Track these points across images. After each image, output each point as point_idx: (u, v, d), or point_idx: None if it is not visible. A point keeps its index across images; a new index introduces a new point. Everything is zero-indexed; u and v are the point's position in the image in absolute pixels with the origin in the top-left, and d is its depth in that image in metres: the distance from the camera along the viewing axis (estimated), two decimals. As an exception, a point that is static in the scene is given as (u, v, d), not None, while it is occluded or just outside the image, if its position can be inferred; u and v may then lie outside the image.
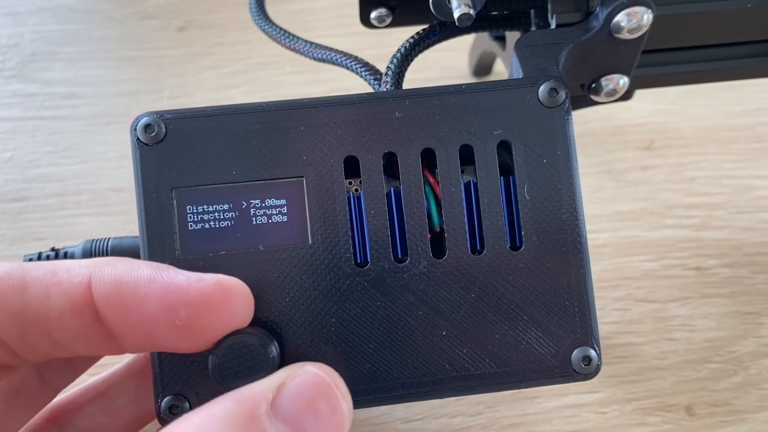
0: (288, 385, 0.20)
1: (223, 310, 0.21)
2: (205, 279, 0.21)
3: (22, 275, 0.21)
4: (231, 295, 0.21)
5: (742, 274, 0.40)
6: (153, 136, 0.24)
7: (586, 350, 0.24)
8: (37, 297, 0.21)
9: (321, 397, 0.20)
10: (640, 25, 0.27)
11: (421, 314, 0.24)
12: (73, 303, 0.21)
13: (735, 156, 0.45)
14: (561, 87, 0.25)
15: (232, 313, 0.21)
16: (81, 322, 0.21)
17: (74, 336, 0.21)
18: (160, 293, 0.20)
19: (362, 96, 0.25)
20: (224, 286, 0.21)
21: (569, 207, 0.25)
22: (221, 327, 0.21)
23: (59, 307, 0.21)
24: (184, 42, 0.52)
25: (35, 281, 0.21)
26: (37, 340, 0.21)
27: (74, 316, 0.21)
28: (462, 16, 0.26)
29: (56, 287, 0.21)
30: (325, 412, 0.20)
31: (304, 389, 0.20)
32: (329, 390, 0.21)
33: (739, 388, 0.36)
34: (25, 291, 0.21)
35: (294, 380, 0.20)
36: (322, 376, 0.21)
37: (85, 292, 0.21)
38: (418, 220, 0.24)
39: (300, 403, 0.20)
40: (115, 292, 0.21)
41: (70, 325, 0.21)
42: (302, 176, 0.24)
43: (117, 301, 0.21)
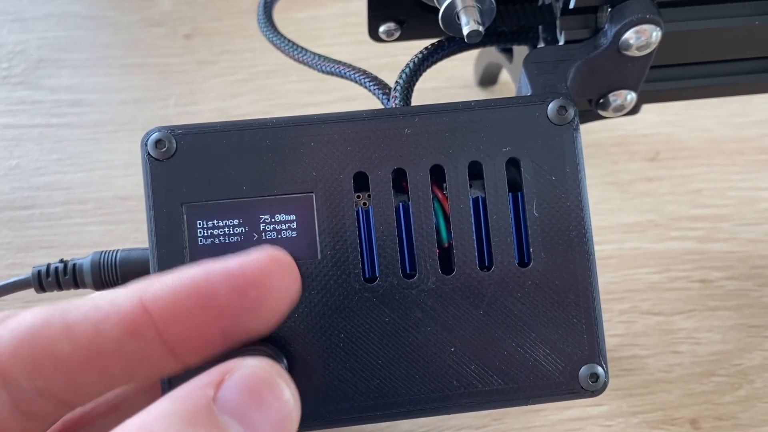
0: (229, 380, 0.20)
1: (284, 279, 0.21)
2: (257, 255, 0.21)
3: (64, 319, 0.20)
4: (284, 262, 0.21)
5: (748, 286, 0.40)
6: (164, 152, 0.24)
7: (593, 367, 0.24)
8: (85, 337, 0.20)
9: (263, 387, 0.20)
10: (648, 42, 0.27)
11: (429, 330, 0.24)
12: (130, 329, 0.20)
13: (740, 168, 0.45)
14: (570, 105, 0.25)
15: (291, 280, 0.21)
16: (141, 345, 0.20)
17: (133, 363, 0.21)
18: (223, 282, 0.20)
19: (372, 112, 0.25)
20: (275, 257, 0.21)
21: (577, 224, 0.25)
22: (287, 297, 0.21)
23: (115, 338, 0.20)
24: (191, 49, 0.52)
25: (80, 321, 0.20)
26: (91, 380, 0.21)
27: (133, 340, 0.20)
28: (471, 32, 0.26)
29: (106, 321, 0.20)
30: (270, 401, 0.20)
31: (246, 382, 0.20)
32: (271, 379, 0.20)
33: (745, 402, 0.36)
34: (71, 334, 0.20)
35: (234, 374, 0.20)
36: (262, 367, 0.20)
37: (141, 313, 0.20)
38: (426, 236, 0.24)
39: (243, 397, 0.19)
40: (175, 301, 0.20)
41: (128, 353, 0.20)
42: (312, 192, 0.24)
43: (179, 307, 0.20)
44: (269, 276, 0.21)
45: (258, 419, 0.19)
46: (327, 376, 0.24)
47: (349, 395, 0.24)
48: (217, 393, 0.19)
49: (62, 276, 0.28)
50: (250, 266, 0.20)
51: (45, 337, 0.20)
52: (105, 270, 0.28)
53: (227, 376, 0.20)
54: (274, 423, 0.20)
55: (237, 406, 0.19)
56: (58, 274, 0.29)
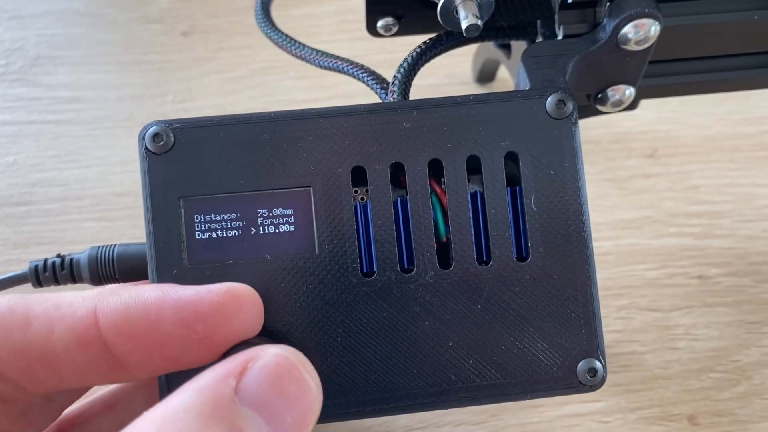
0: (251, 369, 0.19)
1: (238, 318, 0.21)
2: (215, 289, 0.21)
3: (26, 311, 0.20)
4: (243, 301, 0.21)
5: (746, 283, 0.40)
6: (161, 145, 0.24)
7: (591, 362, 0.24)
8: (40, 333, 0.20)
9: (287, 378, 0.19)
10: (647, 36, 0.27)
11: (427, 325, 0.24)
12: (79, 336, 0.20)
13: (738, 164, 0.45)
14: (568, 99, 0.25)
15: (247, 318, 0.21)
16: (89, 355, 0.20)
17: (82, 369, 0.21)
18: (174, 311, 0.20)
19: (370, 106, 0.25)
20: (234, 294, 0.21)
21: (576, 218, 0.25)
22: (237, 334, 0.21)
23: (65, 342, 0.20)
24: (188, 46, 0.52)
25: (38, 316, 0.20)
26: (43, 375, 0.21)
27: (81, 349, 0.20)
28: (470, 26, 0.26)
29: (60, 322, 0.20)
30: (293, 393, 0.19)
31: (269, 371, 0.19)
32: (295, 369, 0.20)
33: (743, 398, 0.36)
34: (28, 327, 0.20)
35: (257, 363, 0.19)
36: (285, 356, 0.20)
37: (91, 324, 0.20)
38: (424, 231, 0.24)
39: (266, 386, 0.19)
40: (125, 320, 0.20)
41: (77, 359, 0.20)
42: (310, 186, 0.24)
43: (127, 327, 0.20)
44: (220, 313, 0.20)
45: (280, 411, 0.19)
46: (325, 370, 0.24)
47: (347, 390, 0.24)
48: (239, 384, 0.19)
49: (59, 271, 0.28)
50: (203, 300, 0.20)
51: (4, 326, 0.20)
52: (102, 265, 0.28)
53: (249, 364, 0.19)
54: (296, 415, 0.19)
55: (259, 398, 0.19)
56: (56, 268, 0.28)
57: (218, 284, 0.21)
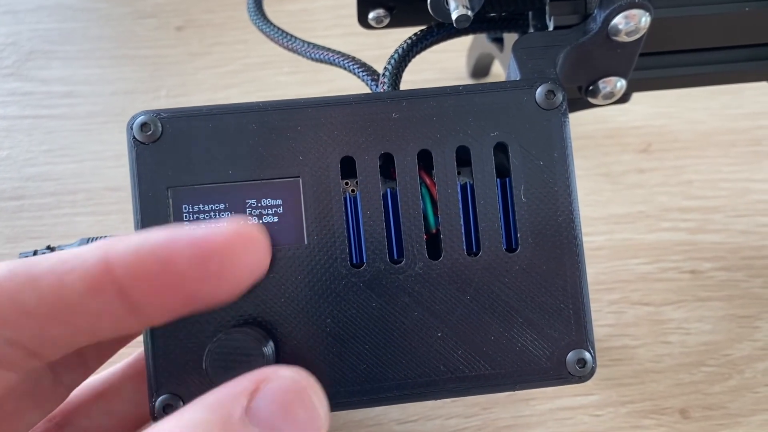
0: (263, 390, 0.19)
1: (248, 253, 0.21)
2: (224, 227, 0.21)
3: (29, 270, 0.20)
4: (251, 237, 0.21)
5: (738, 277, 0.40)
6: (149, 135, 0.24)
7: (581, 353, 0.24)
8: (50, 288, 0.20)
9: (297, 402, 0.20)
10: (637, 27, 0.27)
11: (416, 315, 0.24)
12: (92, 284, 0.20)
13: (732, 159, 0.45)
14: (558, 89, 0.25)
15: (257, 253, 0.21)
16: (103, 301, 0.20)
17: (97, 319, 0.20)
18: (188, 246, 0.20)
19: (359, 96, 0.25)
20: (244, 229, 0.21)
21: (565, 209, 0.25)
22: (250, 269, 0.21)
23: (78, 292, 0.20)
24: (182, 41, 0.52)
25: (45, 273, 0.20)
26: (57, 332, 0.21)
27: (95, 296, 0.20)
28: (460, 17, 0.26)
29: (70, 274, 0.20)
30: (301, 417, 0.20)
31: (280, 394, 0.20)
32: (305, 394, 0.20)
33: (734, 392, 0.36)
34: (36, 285, 0.20)
35: (269, 384, 0.20)
36: (297, 380, 0.20)
37: (104, 270, 0.20)
38: (414, 221, 0.24)
39: (276, 409, 0.19)
40: (137, 261, 0.20)
41: (91, 307, 0.20)
42: (298, 176, 0.24)
43: (142, 267, 0.20)
44: (233, 248, 0.20)
45: None
46: (313, 361, 0.24)
47: (336, 380, 0.24)
48: (251, 403, 0.19)
49: (49, 262, 0.28)
50: (215, 237, 0.20)
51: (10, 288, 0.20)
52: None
53: (262, 385, 0.20)
54: None
55: (268, 420, 0.19)
56: (45, 260, 0.28)
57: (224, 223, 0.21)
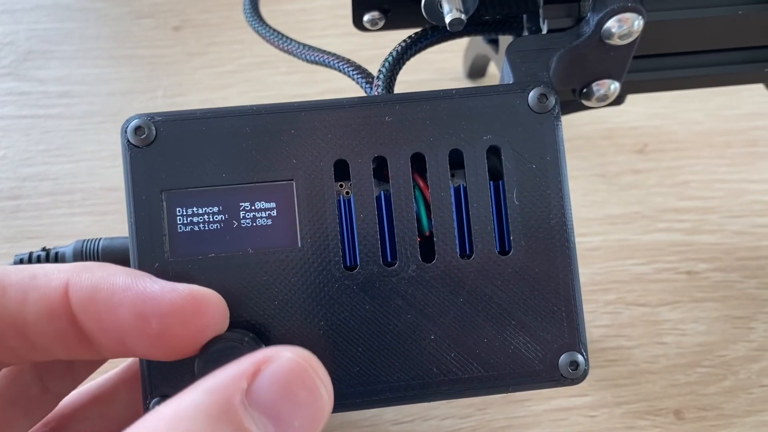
0: (263, 372, 0.19)
1: (194, 321, 0.21)
2: (179, 289, 0.21)
3: (1, 279, 0.21)
4: (202, 306, 0.21)
5: (733, 278, 0.40)
6: (143, 138, 0.24)
7: (573, 355, 0.24)
8: (15, 300, 0.20)
9: (299, 383, 0.19)
10: (630, 31, 0.27)
11: (409, 318, 0.24)
12: (50, 307, 0.21)
13: (728, 160, 0.45)
14: (551, 93, 0.25)
15: (204, 323, 0.21)
16: (58, 326, 0.21)
17: (51, 340, 0.21)
18: (133, 302, 0.20)
19: (353, 100, 0.25)
20: (196, 297, 0.21)
21: (558, 212, 0.25)
22: (193, 337, 0.21)
23: (36, 312, 0.21)
24: (180, 41, 0.52)
25: (13, 285, 0.21)
26: (15, 343, 0.21)
27: (51, 320, 0.21)
28: (453, 21, 0.26)
29: (34, 291, 0.21)
30: (303, 398, 0.19)
31: (281, 375, 0.19)
32: (307, 375, 0.20)
33: (729, 393, 0.36)
34: (3, 295, 0.20)
35: (270, 366, 0.19)
36: (298, 361, 0.20)
37: (62, 296, 0.21)
38: (407, 224, 0.24)
39: (277, 391, 0.19)
40: (91, 298, 0.21)
41: (46, 329, 0.21)
42: (292, 179, 0.24)
43: (92, 306, 0.21)
44: (178, 314, 0.21)
45: (289, 416, 0.19)
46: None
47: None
48: (251, 386, 0.19)
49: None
50: (164, 297, 0.21)
51: None
52: (87, 258, 0.28)
53: (263, 366, 0.19)
54: (305, 421, 0.19)
55: (269, 402, 0.19)
56: (41, 262, 0.28)
57: (184, 285, 0.21)
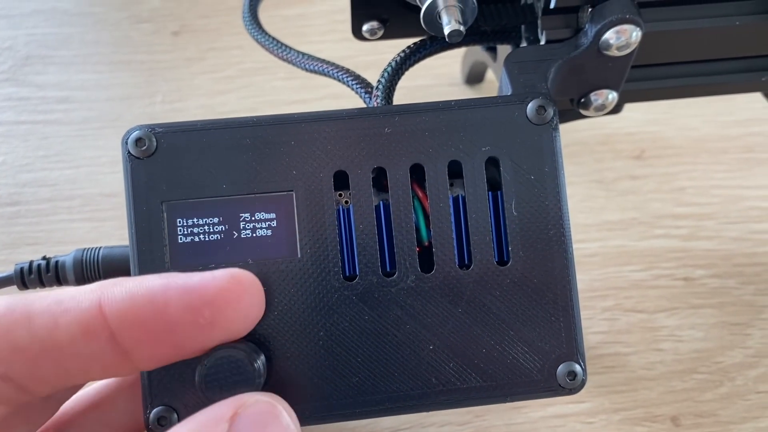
0: (241, 415, 0.21)
1: (242, 302, 0.22)
2: (219, 275, 0.21)
3: (26, 308, 0.21)
4: (246, 286, 0.22)
5: (731, 284, 0.41)
6: (144, 150, 0.24)
7: (571, 365, 0.25)
8: (44, 328, 0.20)
9: (273, 423, 0.21)
10: (628, 42, 0.27)
11: (408, 328, 0.24)
12: (85, 327, 0.20)
13: (725, 166, 0.46)
14: (549, 104, 0.25)
15: (251, 302, 0.22)
16: (95, 346, 0.21)
17: (87, 362, 0.21)
18: (180, 296, 0.21)
19: (352, 111, 0.25)
20: (238, 279, 0.22)
21: (556, 223, 0.25)
22: (243, 319, 0.22)
23: (70, 335, 0.20)
24: (178, 46, 0.52)
25: (41, 313, 0.21)
26: (48, 372, 0.21)
27: (87, 340, 0.21)
28: (452, 32, 0.26)
29: (64, 316, 0.20)
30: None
31: (257, 416, 0.21)
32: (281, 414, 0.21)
33: (725, 399, 0.37)
34: (30, 324, 0.20)
35: (247, 409, 0.21)
36: (272, 403, 0.21)
37: (96, 314, 0.21)
38: (406, 235, 0.25)
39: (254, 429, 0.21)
40: (130, 308, 0.21)
41: (83, 351, 0.21)
42: (292, 190, 0.24)
43: (134, 315, 0.21)
44: (226, 297, 0.21)
45: None
46: (306, 373, 0.24)
47: (328, 393, 0.24)
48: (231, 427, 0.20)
49: (44, 273, 0.29)
50: (209, 285, 0.21)
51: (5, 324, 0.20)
52: (87, 267, 0.28)
53: (240, 410, 0.21)
54: None
55: None
56: (41, 271, 0.29)
57: (220, 270, 0.22)
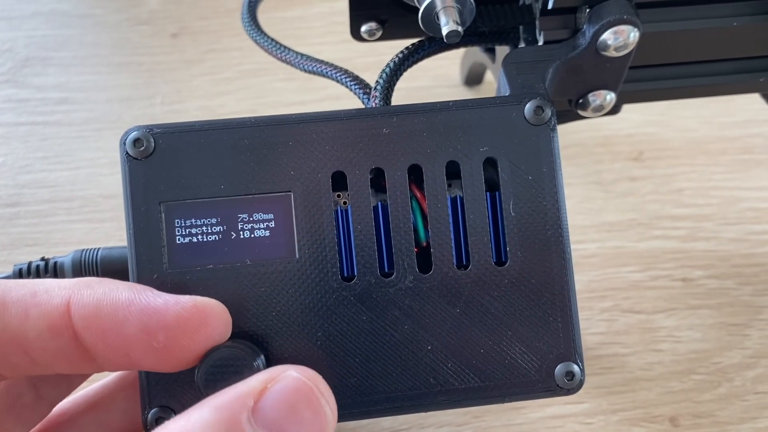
0: (269, 391, 0.20)
1: (200, 332, 0.21)
2: (183, 301, 0.21)
3: (2, 296, 0.21)
4: (208, 316, 0.22)
5: (729, 285, 0.41)
6: (142, 151, 0.24)
7: (569, 365, 0.25)
8: (16, 317, 0.21)
9: (304, 403, 0.20)
10: (626, 43, 0.27)
11: (406, 329, 0.24)
12: (51, 324, 0.21)
13: (723, 167, 0.46)
14: (546, 105, 0.25)
15: (209, 334, 0.22)
16: (59, 342, 0.21)
17: (53, 356, 0.21)
18: (139, 316, 0.21)
19: (350, 112, 0.25)
20: (201, 308, 0.21)
21: (554, 223, 0.25)
22: (198, 348, 0.21)
23: (38, 328, 0.21)
24: (178, 48, 0.52)
25: (15, 302, 0.21)
26: (16, 359, 0.21)
27: (53, 337, 0.21)
28: (450, 33, 0.26)
29: (35, 308, 0.21)
30: (308, 418, 0.20)
31: (286, 394, 0.20)
32: (312, 395, 0.20)
33: (724, 400, 0.37)
34: (4, 312, 0.21)
35: (276, 385, 0.20)
36: (304, 381, 0.21)
37: (63, 314, 0.21)
38: (404, 235, 0.25)
39: (282, 409, 0.20)
40: (94, 314, 0.21)
41: (48, 345, 0.21)
42: (290, 191, 0.24)
43: (96, 323, 0.21)
44: (184, 326, 0.21)
45: None
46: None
47: (327, 393, 0.24)
48: (257, 404, 0.20)
49: (43, 274, 0.29)
50: (169, 310, 0.21)
51: None
52: (86, 268, 0.28)
53: (269, 385, 0.20)
54: None
55: (274, 421, 0.20)
56: (39, 271, 0.29)
57: (187, 297, 0.21)
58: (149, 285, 0.23)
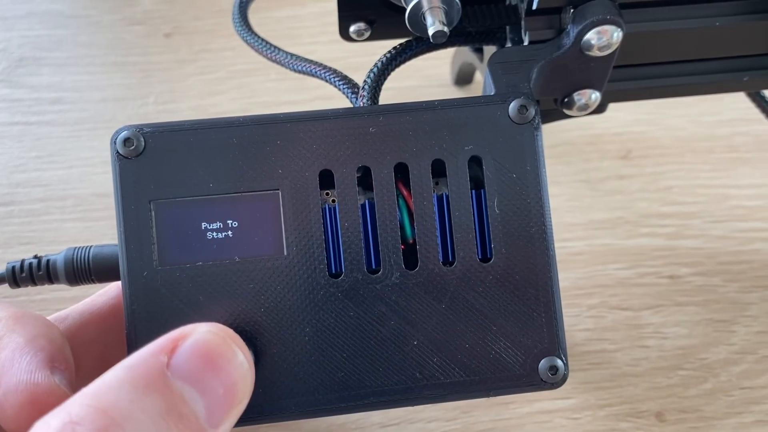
0: (181, 346, 0.21)
1: None
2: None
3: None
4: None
5: (715, 282, 0.41)
6: (132, 150, 0.24)
7: (552, 360, 0.25)
8: None
9: (217, 353, 0.21)
10: (610, 43, 0.27)
11: (393, 324, 0.25)
12: None
13: (711, 166, 0.46)
14: (531, 104, 0.25)
15: None
16: None
17: None
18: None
19: (337, 111, 0.26)
20: None
21: (538, 220, 0.25)
22: None
23: None
24: (171, 48, 0.53)
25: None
26: None
27: None
28: (436, 33, 0.27)
29: None
30: (223, 365, 0.21)
31: (199, 347, 0.21)
32: (224, 344, 0.21)
33: (709, 395, 0.37)
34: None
35: (187, 340, 0.21)
36: (215, 332, 0.21)
37: None
38: (390, 232, 0.25)
39: (197, 361, 0.20)
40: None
41: None
42: (278, 189, 0.25)
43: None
44: None
45: (211, 383, 0.20)
46: (293, 369, 0.24)
47: (315, 388, 0.25)
48: (171, 360, 0.20)
49: (36, 272, 0.29)
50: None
51: None
52: (78, 266, 0.29)
53: (180, 342, 0.21)
54: (227, 386, 0.21)
55: (190, 372, 0.20)
56: (32, 269, 0.29)
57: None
58: (140, 282, 0.24)
